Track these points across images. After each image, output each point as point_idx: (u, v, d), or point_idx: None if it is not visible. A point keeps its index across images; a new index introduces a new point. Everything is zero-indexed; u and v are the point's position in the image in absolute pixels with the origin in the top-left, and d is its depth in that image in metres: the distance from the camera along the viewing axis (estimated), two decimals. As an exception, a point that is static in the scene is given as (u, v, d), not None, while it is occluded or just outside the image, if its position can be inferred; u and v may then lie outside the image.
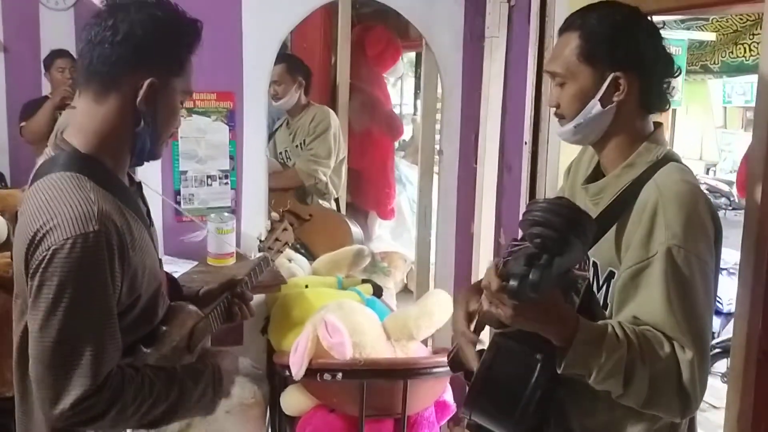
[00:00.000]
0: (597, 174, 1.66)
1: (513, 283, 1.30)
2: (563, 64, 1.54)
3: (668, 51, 1.59)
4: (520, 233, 1.43)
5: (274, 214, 1.86)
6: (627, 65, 1.51)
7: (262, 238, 1.88)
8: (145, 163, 1.48)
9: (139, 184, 1.54)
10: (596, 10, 1.55)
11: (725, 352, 4.06)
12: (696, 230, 1.42)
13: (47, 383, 1.28)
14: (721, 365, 4.39)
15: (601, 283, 1.55)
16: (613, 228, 1.51)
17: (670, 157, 1.56)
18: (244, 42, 2.87)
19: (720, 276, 1.58)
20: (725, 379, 4.09)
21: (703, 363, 1.39)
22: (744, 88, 12.99)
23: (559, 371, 1.40)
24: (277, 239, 1.84)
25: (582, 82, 1.53)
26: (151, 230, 1.51)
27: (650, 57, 1.53)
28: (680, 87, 4.67)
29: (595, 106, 1.52)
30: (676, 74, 1.57)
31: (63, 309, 1.26)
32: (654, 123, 1.61)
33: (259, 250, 1.85)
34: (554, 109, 1.61)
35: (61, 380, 1.27)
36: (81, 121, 1.39)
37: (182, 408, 1.44)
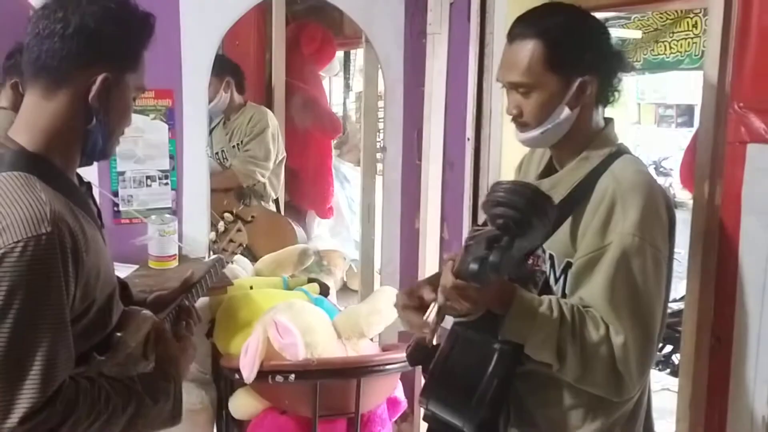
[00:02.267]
0: (550, 169, 1.68)
1: (473, 266, 1.32)
2: (528, 74, 1.52)
3: (619, 47, 1.62)
4: (481, 217, 1.45)
5: (228, 215, 1.82)
6: (592, 68, 1.53)
7: (214, 240, 1.84)
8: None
9: (88, 185, 1.46)
10: (548, 16, 1.55)
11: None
12: (652, 220, 1.46)
13: None
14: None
15: (558, 275, 1.57)
16: (569, 219, 1.53)
17: (624, 150, 1.59)
18: (183, 39, 2.79)
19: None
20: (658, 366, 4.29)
21: (639, 348, 1.42)
22: (657, 85, 13.41)
23: (500, 338, 1.44)
24: (231, 240, 1.80)
25: (550, 90, 1.52)
26: (103, 232, 1.45)
27: (608, 57, 1.56)
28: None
29: (563, 111, 1.53)
30: (628, 69, 1.61)
31: (12, 316, 1.18)
32: (605, 118, 1.64)
33: (213, 252, 1.81)
34: (513, 116, 1.58)
35: (9, 393, 1.18)
36: (28, 118, 1.31)
37: (139, 423, 1.36)
